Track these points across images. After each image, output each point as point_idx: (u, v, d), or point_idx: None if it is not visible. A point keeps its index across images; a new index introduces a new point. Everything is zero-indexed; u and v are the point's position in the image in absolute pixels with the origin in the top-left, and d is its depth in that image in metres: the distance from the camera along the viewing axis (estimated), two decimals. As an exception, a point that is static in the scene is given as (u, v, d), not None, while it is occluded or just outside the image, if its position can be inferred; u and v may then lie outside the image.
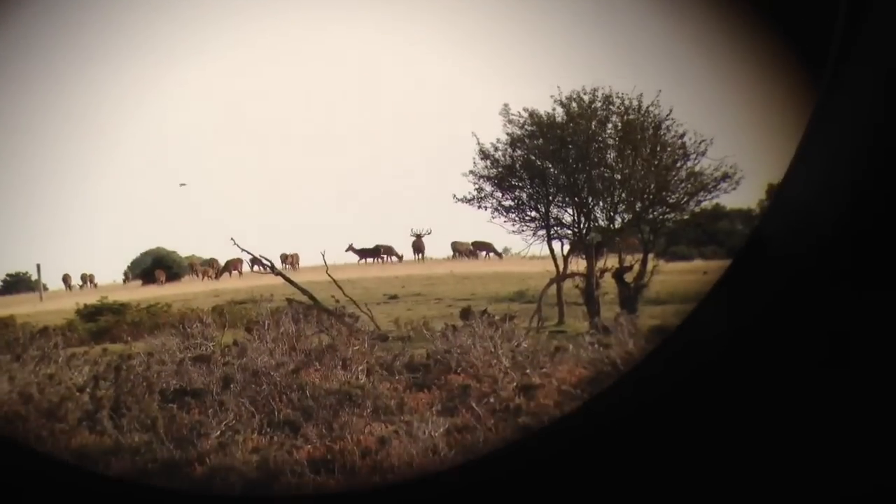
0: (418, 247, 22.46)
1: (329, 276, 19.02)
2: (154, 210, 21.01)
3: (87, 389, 13.25)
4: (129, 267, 24.41)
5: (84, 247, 20.89)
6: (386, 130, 21.79)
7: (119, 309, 19.61)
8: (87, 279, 23.73)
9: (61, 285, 23.57)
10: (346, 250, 22.55)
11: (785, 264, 4.56)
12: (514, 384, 13.05)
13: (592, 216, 17.95)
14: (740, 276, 4.92)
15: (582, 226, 18.02)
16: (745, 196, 18.86)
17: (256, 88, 21.44)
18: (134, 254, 24.48)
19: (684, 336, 5.19)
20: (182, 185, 16.91)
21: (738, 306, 4.77)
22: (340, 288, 18.69)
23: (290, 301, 18.29)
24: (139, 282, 24.02)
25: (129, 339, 17.13)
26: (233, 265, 23.26)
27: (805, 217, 4.47)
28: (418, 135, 21.78)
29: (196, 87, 19.85)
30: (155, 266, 24.05)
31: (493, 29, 17.80)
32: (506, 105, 17.98)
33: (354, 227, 21.84)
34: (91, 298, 20.49)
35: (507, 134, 18.13)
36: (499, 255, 23.10)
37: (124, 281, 23.93)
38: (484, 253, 23.37)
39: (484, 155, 18.24)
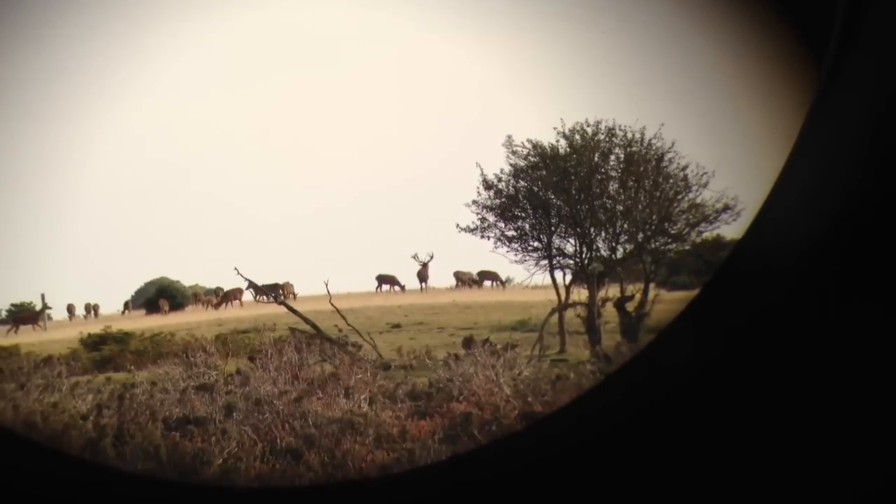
0: (422, 275, 22.55)
1: (332, 305, 19.08)
2: (157, 240, 21.11)
3: (91, 417, 13.31)
4: (132, 297, 24.50)
5: (88, 277, 20.99)
6: (389, 160, 21.93)
7: (123, 338, 19.64)
8: (90, 309, 23.81)
9: (65, 314, 23.64)
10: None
11: (780, 264, 4.59)
12: (516, 412, 13.07)
13: (594, 246, 18.04)
14: (737, 274, 4.95)
15: (584, 256, 18.10)
16: (746, 227, 18.93)
17: (261, 119, 21.61)
18: (138, 283, 24.59)
19: (679, 336, 5.20)
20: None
21: (735, 307, 4.79)
22: (343, 317, 18.74)
23: (292, 330, 18.36)
24: (143, 311, 24.08)
25: (132, 367, 17.17)
26: (233, 295, 23.32)
27: (802, 216, 4.50)
28: (422, 165, 21.92)
29: (199, 117, 20.03)
30: (158, 295, 24.13)
31: (498, 61, 17.99)
32: (509, 136, 18.15)
33: (357, 256, 21.91)
34: (95, 328, 20.54)
35: (511, 165, 18.28)
36: (503, 283, 23.18)
37: (123, 312, 23.98)
38: (489, 282, 23.45)
39: (487, 185, 18.38)
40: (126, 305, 24.23)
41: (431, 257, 22.00)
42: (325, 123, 22.08)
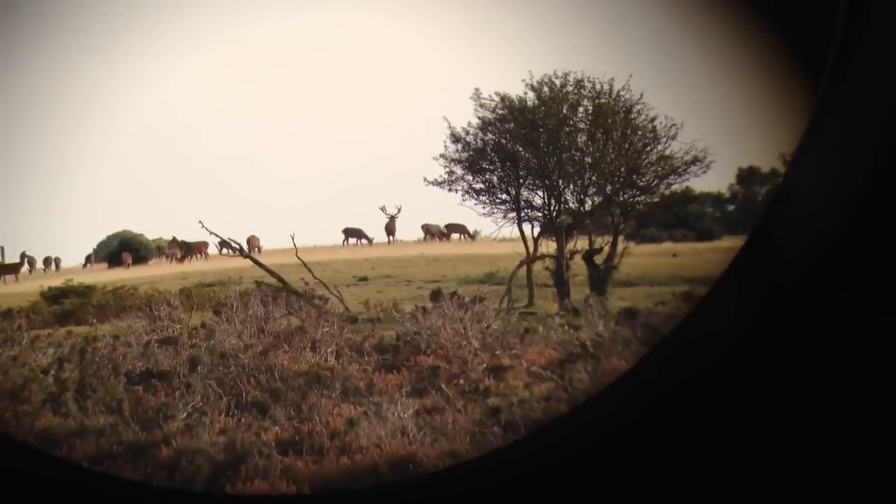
0: (390, 229, 22.43)
1: (298, 258, 18.91)
2: (120, 193, 20.75)
3: (52, 371, 13.11)
4: (94, 250, 24.15)
5: (49, 230, 20.61)
6: (354, 114, 21.66)
7: (85, 291, 19.39)
8: (51, 262, 23.44)
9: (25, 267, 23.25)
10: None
11: (788, 260, 4.51)
12: (484, 365, 13.02)
13: (563, 199, 17.96)
14: (744, 272, 4.86)
15: (552, 208, 18.03)
16: (715, 180, 18.97)
17: (218, 71, 21.21)
18: (100, 237, 24.24)
19: (684, 334, 5.13)
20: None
21: (741, 305, 4.71)
22: (310, 270, 18.60)
23: (258, 283, 18.21)
24: (105, 265, 23.76)
25: (94, 321, 16.97)
26: (197, 248, 23.07)
27: (808, 213, 4.42)
28: (388, 118, 21.68)
29: (160, 72, 19.60)
30: (121, 249, 23.80)
31: (465, 12, 17.72)
32: (477, 89, 17.96)
33: (323, 209, 21.71)
34: (56, 281, 20.25)
35: (479, 118, 18.12)
36: (471, 236, 23.10)
37: (84, 265, 23.64)
38: (458, 235, 23.38)
39: (455, 138, 18.22)
40: (88, 258, 23.88)
41: (399, 210, 21.84)
42: (289, 77, 21.71)
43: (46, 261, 23.40)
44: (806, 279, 4.41)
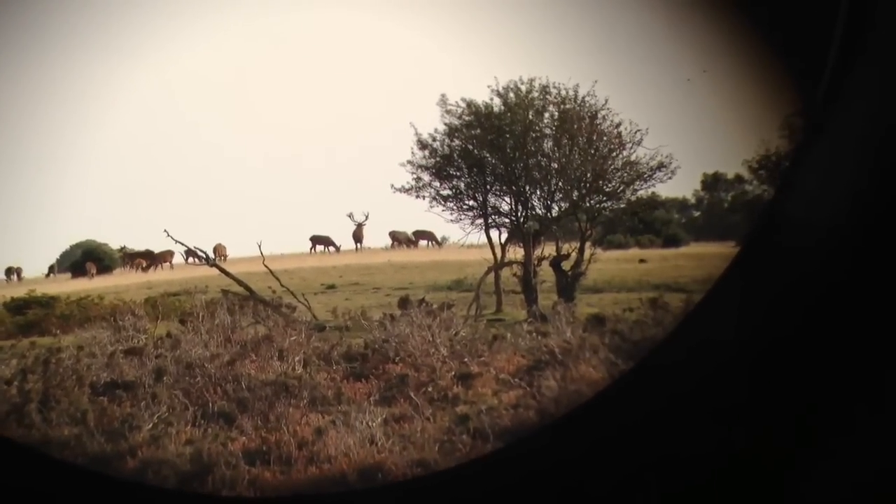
0: (357, 236, 22.37)
1: (265, 266, 18.84)
2: (84, 201, 20.54)
3: (15, 382, 12.91)
4: (58, 259, 23.88)
5: (11, 239, 20.35)
6: (322, 121, 21.61)
7: (48, 302, 19.16)
8: (13, 272, 23.15)
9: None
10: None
11: (790, 264, 4.53)
12: (453, 373, 13.02)
13: (530, 205, 18.03)
14: (746, 274, 4.87)
15: (519, 214, 18.08)
16: (680, 186, 19.13)
17: (185, 81, 21.08)
18: (63, 246, 23.97)
19: (687, 337, 5.14)
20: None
21: (745, 306, 4.72)
22: (277, 278, 18.54)
23: (225, 292, 18.08)
24: (68, 275, 23.50)
25: (58, 332, 16.76)
26: (162, 257, 22.88)
27: (809, 217, 4.44)
28: (355, 125, 21.64)
29: (127, 81, 19.44)
30: (85, 258, 23.55)
31: (431, 20, 17.73)
32: (443, 95, 18.00)
33: (290, 217, 21.62)
34: (18, 291, 20.00)
35: (445, 124, 18.15)
36: (438, 243, 23.11)
37: (47, 275, 23.38)
38: (425, 242, 23.37)
39: (422, 145, 18.25)
40: (51, 268, 23.62)
41: (367, 217, 21.80)
42: (256, 85, 21.61)
43: (8, 271, 23.12)
44: (808, 281, 4.42)
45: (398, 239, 23.32)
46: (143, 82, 19.94)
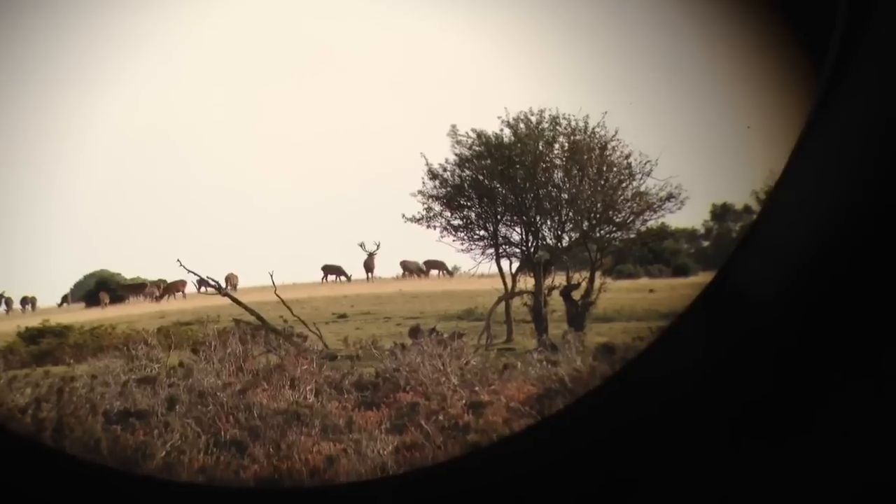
0: (369, 265, 22.46)
1: (277, 295, 18.91)
2: (97, 232, 20.72)
3: (29, 411, 13.02)
4: (71, 289, 24.05)
5: (26, 270, 20.53)
6: (333, 151, 21.77)
7: (62, 331, 19.27)
8: (28, 302, 23.32)
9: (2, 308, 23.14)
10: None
11: (781, 266, 4.57)
12: (463, 402, 13.05)
13: (540, 235, 18.09)
14: (740, 278, 4.91)
15: (530, 244, 18.14)
16: (689, 216, 19.21)
17: (194, 110, 21.31)
18: (77, 276, 24.15)
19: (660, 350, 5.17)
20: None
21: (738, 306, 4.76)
22: (289, 308, 18.59)
23: (237, 321, 18.15)
24: (82, 304, 23.65)
25: (71, 361, 16.85)
26: (175, 287, 23.03)
27: (802, 219, 4.48)
28: (366, 155, 21.80)
29: (132, 111, 19.68)
30: (98, 288, 23.71)
31: (443, 51, 17.92)
32: (454, 126, 18.11)
33: (302, 247, 21.73)
34: (32, 321, 20.13)
35: (456, 154, 18.25)
36: (449, 273, 23.18)
37: (61, 304, 23.54)
38: (436, 271, 23.44)
39: (433, 175, 18.33)
40: (65, 298, 23.77)
41: (378, 247, 21.90)
42: (270, 116, 21.83)
43: (23, 301, 23.28)
44: (803, 285, 4.45)
45: (409, 268, 23.41)
46: (157, 110, 20.18)
